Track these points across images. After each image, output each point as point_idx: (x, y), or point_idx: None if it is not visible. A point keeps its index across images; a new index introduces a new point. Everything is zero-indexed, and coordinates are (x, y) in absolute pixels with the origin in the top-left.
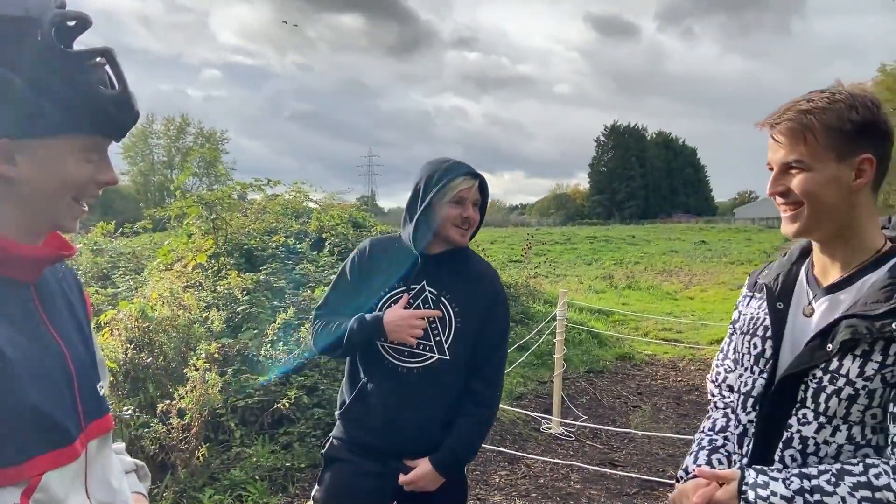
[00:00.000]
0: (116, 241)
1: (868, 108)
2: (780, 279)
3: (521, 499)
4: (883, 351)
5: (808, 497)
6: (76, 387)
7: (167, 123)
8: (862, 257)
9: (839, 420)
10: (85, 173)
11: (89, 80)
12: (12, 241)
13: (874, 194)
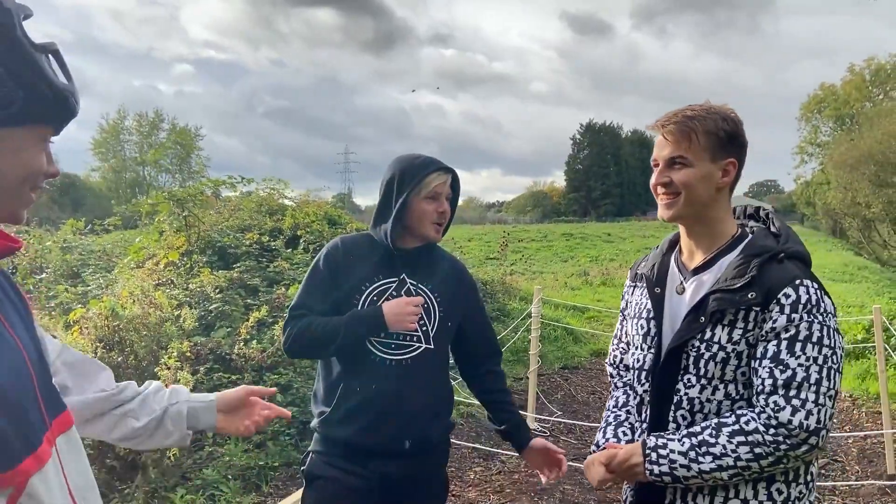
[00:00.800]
0: (86, 239)
1: (734, 122)
2: (656, 268)
3: (496, 494)
4: (744, 318)
5: (697, 450)
6: (36, 384)
7: (139, 119)
8: (720, 242)
9: (717, 381)
10: (43, 164)
11: (48, 71)
12: None
13: (730, 193)
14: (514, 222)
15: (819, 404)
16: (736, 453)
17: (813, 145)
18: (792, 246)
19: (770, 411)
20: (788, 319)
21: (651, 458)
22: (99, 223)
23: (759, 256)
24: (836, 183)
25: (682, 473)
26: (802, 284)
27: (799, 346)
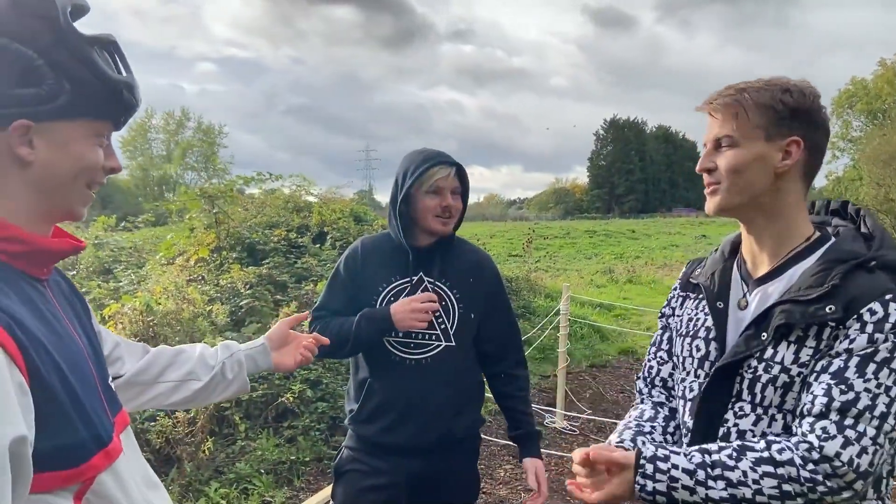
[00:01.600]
0: (117, 235)
1: (804, 96)
2: (717, 277)
3: (527, 493)
4: (816, 336)
5: (709, 470)
6: (98, 383)
7: (166, 118)
8: (790, 246)
9: (774, 409)
10: (97, 158)
11: (101, 64)
12: (34, 234)
13: (805, 183)
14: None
15: (878, 443)
16: (759, 485)
17: (844, 140)
18: (888, 253)
19: (815, 439)
20: (870, 340)
21: (645, 470)
22: (130, 220)
23: (843, 263)
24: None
25: (682, 496)
26: (895, 301)
27: (873, 367)
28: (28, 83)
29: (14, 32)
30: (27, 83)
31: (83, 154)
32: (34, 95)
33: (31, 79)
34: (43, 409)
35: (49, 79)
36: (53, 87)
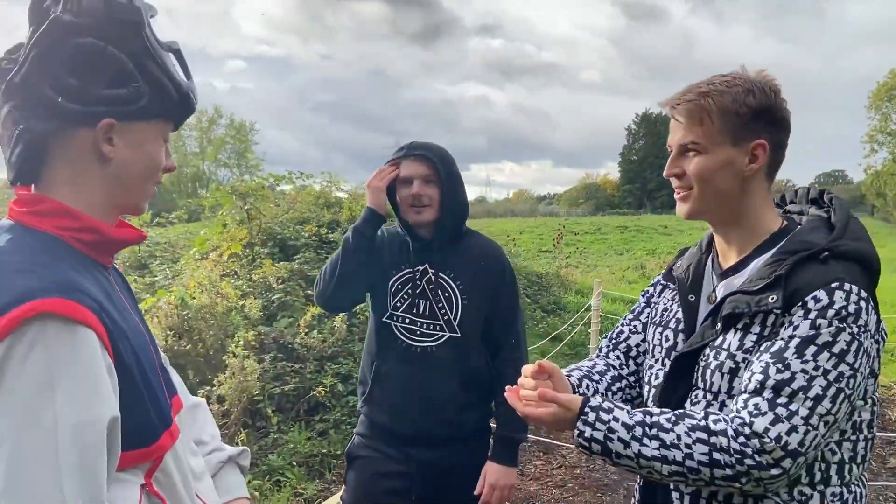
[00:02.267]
0: (153, 231)
1: (765, 94)
2: (691, 271)
3: (558, 489)
4: (761, 323)
5: (646, 429)
6: (157, 366)
7: (199, 115)
8: (756, 241)
9: (724, 395)
10: (163, 158)
11: (173, 69)
12: (102, 223)
13: (770, 179)
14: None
15: (809, 424)
16: (690, 449)
17: (883, 134)
18: (845, 243)
19: (746, 415)
20: (812, 325)
21: (587, 417)
22: (165, 216)
23: (795, 254)
24: None
25: (615, 448)
26: (842, 289)
27: (812, 349)
28: (116, 84)
29: (108, 36)
30: (116, 84)
31: (154, 154)
32: (120, 96)
33: (119, 81)
34: (122, 389)
35: (134, 81)
36: (137, 89)
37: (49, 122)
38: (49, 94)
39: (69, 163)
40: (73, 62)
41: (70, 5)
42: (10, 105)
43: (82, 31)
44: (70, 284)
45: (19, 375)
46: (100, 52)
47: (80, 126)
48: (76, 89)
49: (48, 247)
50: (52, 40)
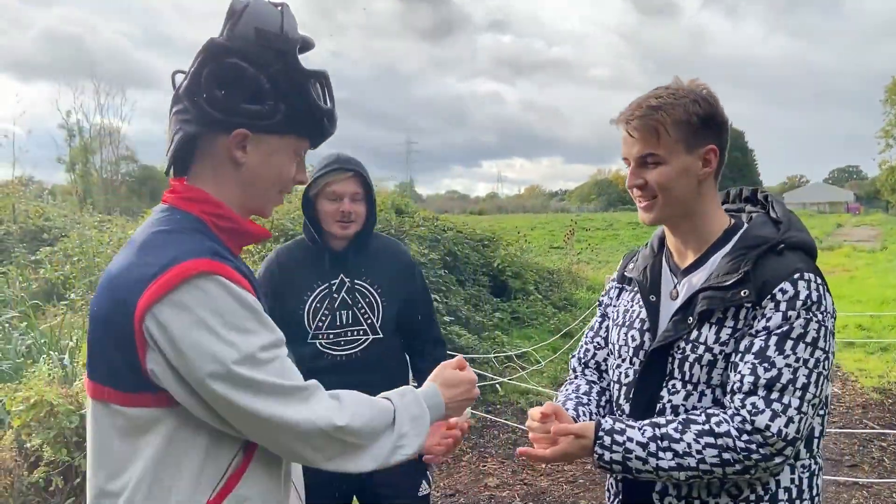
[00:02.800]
0: None
1: (708, 102)
2: (648, 272)
3: (569, 484)
4: (734, 317)
5: (659, 443)
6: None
7: None
8: (711, 239)
9: (703, 385)
10: (292, 171)
11: (313, 94)
12: (236, 214)
13: (716, 181)
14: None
15: (801, 412)
16: (701, 455)
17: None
18: (794, 235)
19: (746, 414)
20: (784, 317)
21: (604, 441)
22: None
23: (755, 248)
24: None
25: (635, 465)
26: (803, 279)
27: (790, 344)
28: (254, 101)
29: (253, 59)
30: (253, 101)
31: (282, 165)
32: (257, 111)
33: (257, 97)
34: None
35: (270, 99)
36: (273, 107)
37: (198, 126)
38: (200, 103)
39: (211, 163)
40: (221, 78)
41: (227, 31)
42: (176, 109)
43: (232, 53)
44: (218, 253)
45: (188, 317)
46: (243, 71)
47: (221, 132)
48: (220, 100)
49: (195, 225)
50: (208, 59)
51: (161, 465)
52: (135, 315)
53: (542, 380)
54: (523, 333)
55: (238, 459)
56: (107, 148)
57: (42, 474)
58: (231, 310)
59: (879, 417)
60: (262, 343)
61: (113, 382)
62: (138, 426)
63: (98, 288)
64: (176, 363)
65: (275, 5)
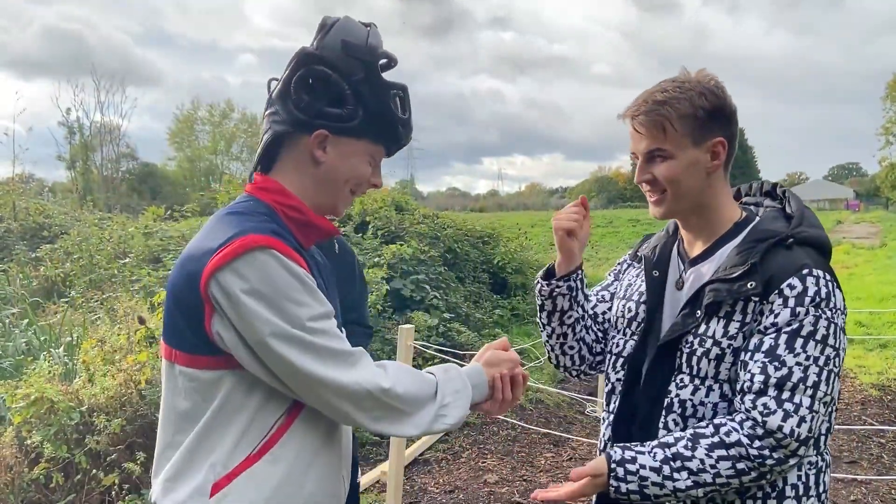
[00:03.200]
0: (166, 225)
1: (715, 94)
2: (658, 250)
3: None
4: (742, 310)
5: (672, 464)
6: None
7: (211, 110)
8: (720, 231)
9: (711, 380)
10: (366, 173)
11: (391, 103)
12: (310, 209)
13: (726, 173)
14: None
15: (814, 411)
16: (716, 469)
17: None
18: (805, 230)
19: (757, 415)
20: (792, 314)
21: (617, 473)
22: (178, 210)
23: (764, 241)
24: None
25: (653, 492)
26: (812, 275)
27: (800, 342)
28: (335, 104)
29: (337, 66)
30: (334, 104)
31: (357, 166)
32: (337, 115)
33: (338, 102)
34: None
35: (350, 104)
36: (352, 111)
37: (285, 126)
38: (289, 105)
39: (293, 160)
40: (308, 83)
41: (316, 42)
42: (269, 111)
43: (318, 61)
44: (279, 233)
45: (249, 286)
46: (327, 77)
47: (304, 132)
48: (305, 103)
49: (265, 211)
50: (298, 65)
51: (214, 423)
52: (201, 282)
53: (541, 376)
54: (523, 330)
55: (280, 422)
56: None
57: (42, 471)
58: (285, 281)
59: (878, 414)
60: (312, 314)
61: (179, 345)
62: (199, 386)
63: (174, 266)
64: (238, 325)
65: (364, 24)
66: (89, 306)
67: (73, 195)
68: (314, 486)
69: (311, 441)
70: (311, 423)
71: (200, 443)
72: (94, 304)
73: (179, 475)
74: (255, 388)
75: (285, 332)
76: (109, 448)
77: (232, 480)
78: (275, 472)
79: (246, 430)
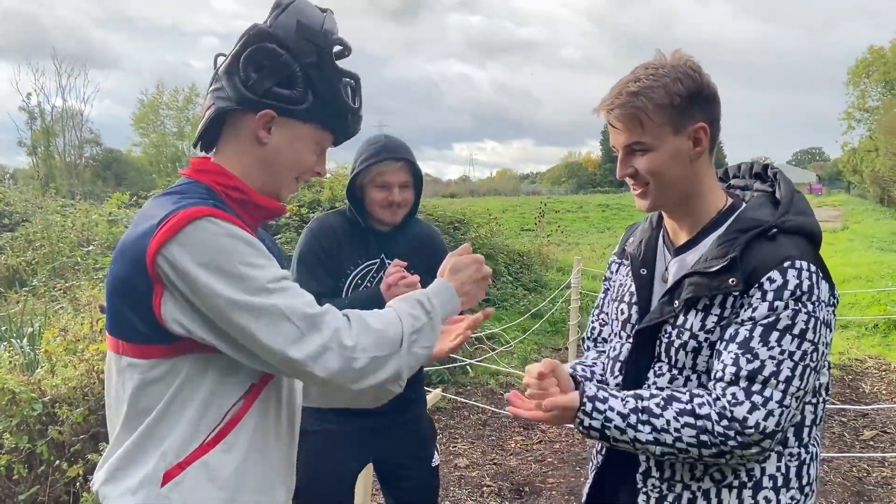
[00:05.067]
0: (131, 212)
1: (691, 77)
2: (643, 246)
3: (538, 464)
4: (721, 305)
5: (639, 415)
6: None
7: (175, 94)
8: (705, 219)
9: (689, 370)
10: (311, 160)
11: (342, 91)
12: (251, 188)
13: (710, 157)
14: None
15: (784, 405)
16: (679, 434)
17: (861, 111)
18: (791, 219)
19: (726, 403)
20: (770, 307)
21: (585, 408)
22: (143, 196)
23: (746, 232)
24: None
25: (613, 434)
26: (793, 267)
27: (776, 335)
28: (284, 85)
29: (289, 47)
30: (284, 85)
31: (302, 151)
32: (285, 96)
33: (287, 83)
34: None
35: (300, 87)
36: (302, 94)
37: (230, 102)
38: (235, 81)
39: (236, 139)
40: (257, 60)
41: (270, 20)
42: (213, 87)
43: (271, 39)
44: (220, 208)
45: (194, 257)
46: (278, 56)
47: (249, 111)
48: (253, 81)
49: (206, 192)
50: (249, 42)
51: (166, 412)
52: (147, 262)
53: (511, 360)
54: (494, 315)
55: (234, 410)
56: (70, 131)
57: (4, 462)
58: (236, 247)
59: (839, 393)
60: (271, 276)
61: (128, 336)
62: (150, 377)
63: (113, 256)
64: (192, 298)
65: (321, 9)
66: (52, 295)
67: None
68: (268, 474)
69: (265, 429)
70: (265, 410)
71: (152, 432)
72: (57, 293)
73: (128, 464)
74: (207, 376)
75: (245, 300)
76: (73, 438)
77: (184, 469)
78: (229, 460)
79: (199, 419)
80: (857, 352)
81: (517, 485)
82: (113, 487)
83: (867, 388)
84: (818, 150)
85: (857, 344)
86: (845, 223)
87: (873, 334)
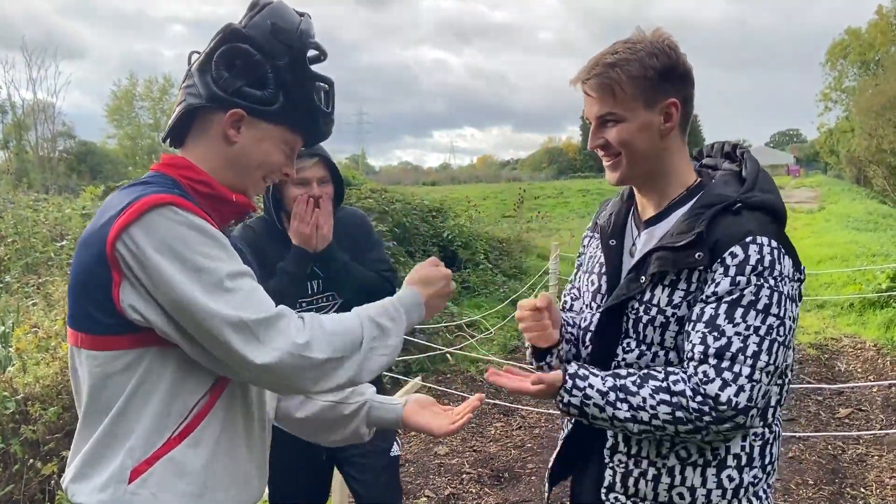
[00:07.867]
0: None
1: (667, 54)
2: (612, 218)
3: (517, 449)
4: (687, 279)
5: (617, 394)
6: None
7: (149, 85)
8: (674, 194)
9: (657, 346)
10: (279, 161)
11: (314, 94)
12: (217, 183)
13: (682, 135)
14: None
15: (753, 380)
16: (655, 411)
17: (837, 91)
18: (755, 195)
19: (698, 382)
20: (732, 282)
21: (566, 385)
22: (115, 187)
23: (711, 207)
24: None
25: (592, 412)
26: (755, 242)
27: (740, 311)
28: (256, 85)
29: (263, 48)
30: (255, 85)
31: (270, 152)
32: (256, 96)
33: (258, 84)
34: None
35: (271, 88)
36: (272, 95)
37: (200, 99)
38: (207, 79)
39: (205, 136)
40: (230, 59)
41: (245, 20)
42: (186, 83)
43: (244, 39)
44: (185, 198)
45: (156, 244)
46: (251, 56)
47: (218, 109)
48: (224, 79)
49: (172, 184)
50: (223, 41)
51: (129, 406)
52: (106, 248)
53: (492, 347)
54: (473, 302)
55: (201, 404)
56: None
57: None
58: (197, 238)
59: (815, 372)
60: (230, 270)
61: (88, 328)
62: (110, 369)
63: (76, 248)
64: (149, 287)
65: (299, 13)
66: (25, 291)
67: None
68: (239, 468)
69: (233, 423)
70: (233, 404)
71: (116, 427)
72: (31, 290)
73: (95, 461)
74: (168, 368)
75: (197, 296)
76: (47, 437)
77: (152, 465)
78: (197, 455)
79: (164, 413)
80: (834, 331)
81: (497, 471)
82: (81, 485)
83: (843, 366)
84: (796, 131)
85: (833, 323)
86: (822, 204)
87: (849, 313)
